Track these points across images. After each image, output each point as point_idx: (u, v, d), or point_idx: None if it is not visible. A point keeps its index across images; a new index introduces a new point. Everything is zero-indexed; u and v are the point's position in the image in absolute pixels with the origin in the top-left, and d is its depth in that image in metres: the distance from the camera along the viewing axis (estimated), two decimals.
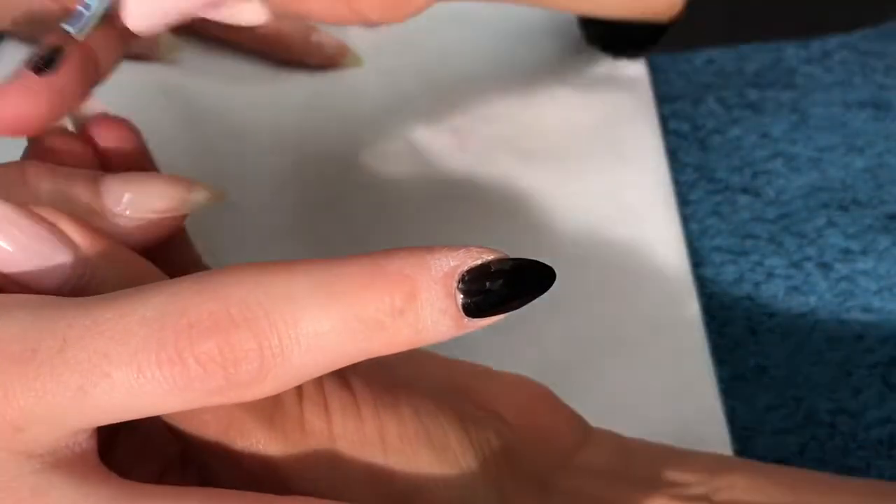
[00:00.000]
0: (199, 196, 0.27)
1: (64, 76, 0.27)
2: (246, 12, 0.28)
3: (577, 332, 0.37)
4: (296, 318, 0.20)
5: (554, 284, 0.22)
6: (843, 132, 0.43)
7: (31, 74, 0.27)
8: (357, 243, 0.40)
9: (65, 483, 0.20)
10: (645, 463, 0.28)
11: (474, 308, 0.21)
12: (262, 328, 0.20)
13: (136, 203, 0.26)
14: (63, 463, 0.21)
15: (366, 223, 0.41)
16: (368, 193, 0.42)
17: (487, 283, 0.21)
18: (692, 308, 0.38)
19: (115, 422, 0.21)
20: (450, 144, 0.43)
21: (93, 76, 0.28)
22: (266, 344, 0.20)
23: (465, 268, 0.21)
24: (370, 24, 0.33)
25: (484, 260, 0.21)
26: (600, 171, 0.43)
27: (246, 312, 0.20)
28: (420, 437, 0.24)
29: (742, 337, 0.38)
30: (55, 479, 0.20)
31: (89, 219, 0.25)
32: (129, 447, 0.25)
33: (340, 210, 0.41)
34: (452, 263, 0.21)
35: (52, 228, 0.23)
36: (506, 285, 0.21)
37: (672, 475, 0.27)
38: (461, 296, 0.21)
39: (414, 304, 0.21)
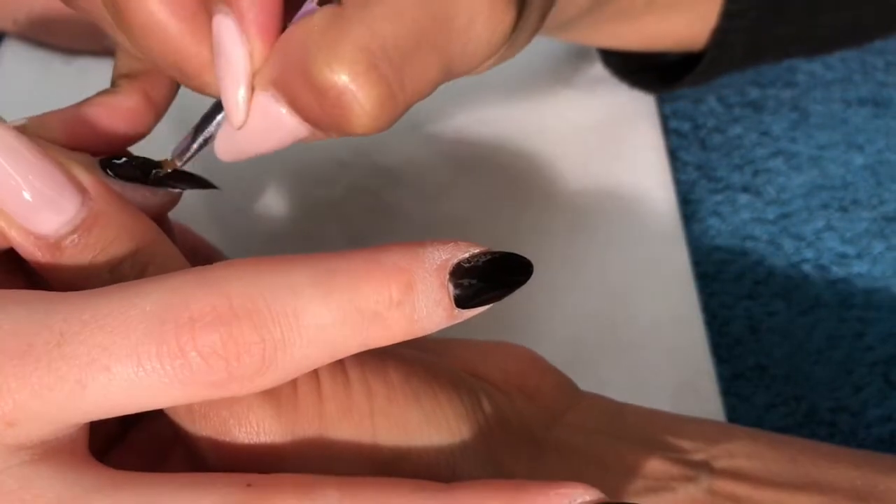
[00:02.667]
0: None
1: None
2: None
3: (577, 331, 0.37)
4: (298, 310, 0.20)
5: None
6: (844, 130, 0.43)
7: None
8: (357, 243, 0.40)
9: (52, 473, 0.20)
10: (641, 426, 0.28)
11: (463, 299, 0.22)
12: (264, 321, 0.20)
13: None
14: (51, 453, 0.21)
15: (366, 223, 0.41)
16: (368, 193, 0.42)
17: (475, 276, 0.22)
18: (692, 307, 0.38)
19: (111, 416, 0.21)
20: (450, 144, 0.43)
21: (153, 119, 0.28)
22: (268, 337, 0.20)
23: (456, 260, 0.22)
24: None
25: (472, 252, 0.22)
26: (601, 171, 0.43)
27: (248, 305, 0.20)
28: (409, 398, 0.24)
29: (742, 335, 0.38)
30: (43, 470, 0.20)
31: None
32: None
33: (340, 210, 0.41)
34: (444, 256, 0.22)
35: (63, 168, 0.23)
36: (490, 277, 0.22)
37: (670, 440, 0.27)
38: (452, 287, 0.21)
39: (411, 296, 0.21)
